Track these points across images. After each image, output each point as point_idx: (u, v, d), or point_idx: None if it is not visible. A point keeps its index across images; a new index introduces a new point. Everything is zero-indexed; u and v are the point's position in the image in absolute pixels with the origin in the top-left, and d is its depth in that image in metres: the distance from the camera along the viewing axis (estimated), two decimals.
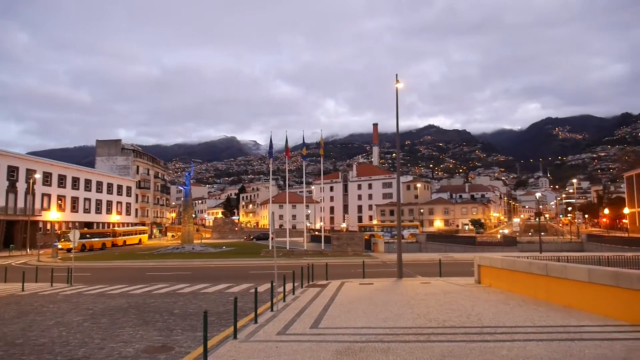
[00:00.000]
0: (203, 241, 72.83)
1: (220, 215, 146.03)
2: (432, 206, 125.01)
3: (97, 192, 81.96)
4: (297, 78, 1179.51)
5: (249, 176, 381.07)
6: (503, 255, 23.13)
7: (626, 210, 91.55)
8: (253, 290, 12.56)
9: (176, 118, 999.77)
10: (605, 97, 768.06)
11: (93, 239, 60.83)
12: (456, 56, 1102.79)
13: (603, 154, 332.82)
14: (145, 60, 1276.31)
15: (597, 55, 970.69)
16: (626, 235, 62.89)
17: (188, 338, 10.84)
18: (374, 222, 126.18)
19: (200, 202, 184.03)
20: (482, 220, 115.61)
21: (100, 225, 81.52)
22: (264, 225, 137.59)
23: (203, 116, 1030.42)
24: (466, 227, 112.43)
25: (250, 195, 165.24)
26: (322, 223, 75.62)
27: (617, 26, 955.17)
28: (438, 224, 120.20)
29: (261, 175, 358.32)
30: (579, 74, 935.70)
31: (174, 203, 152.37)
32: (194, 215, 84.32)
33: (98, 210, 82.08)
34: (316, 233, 75.31)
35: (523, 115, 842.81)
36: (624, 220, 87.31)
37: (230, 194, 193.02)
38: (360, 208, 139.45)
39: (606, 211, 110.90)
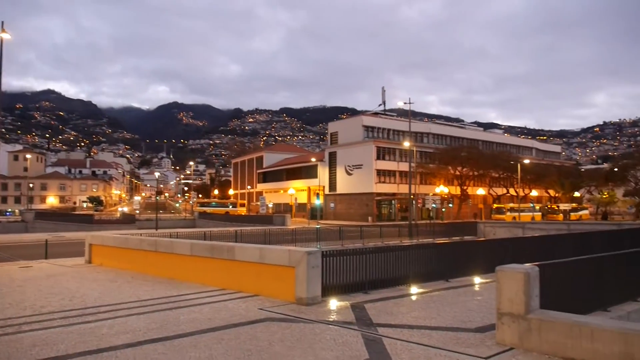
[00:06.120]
0: None
1: None
2: (45, 181, 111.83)
3: None
4: None
5: None
6: (120, 233, 23.09)
7: (231, 192, 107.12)
8: None
9: None
10: (223, 92, 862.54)
11: None
12: (86, 22, 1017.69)
13: (218, 141, 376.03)
14: None
15: (221, 54, 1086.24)
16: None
17: None
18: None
19: None
20: (103, 198, 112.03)
21: None
22: None
23: None
24: (84, 205, 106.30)
25: None
26: None
27: (237, 33, 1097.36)
28: (52, 201, 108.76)
29: None
30: (205, 66, 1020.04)
31: None
32: None
33: None
34: None
35: (152, 95, 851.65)
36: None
37: None
38: None
39: (216, 192, 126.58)
